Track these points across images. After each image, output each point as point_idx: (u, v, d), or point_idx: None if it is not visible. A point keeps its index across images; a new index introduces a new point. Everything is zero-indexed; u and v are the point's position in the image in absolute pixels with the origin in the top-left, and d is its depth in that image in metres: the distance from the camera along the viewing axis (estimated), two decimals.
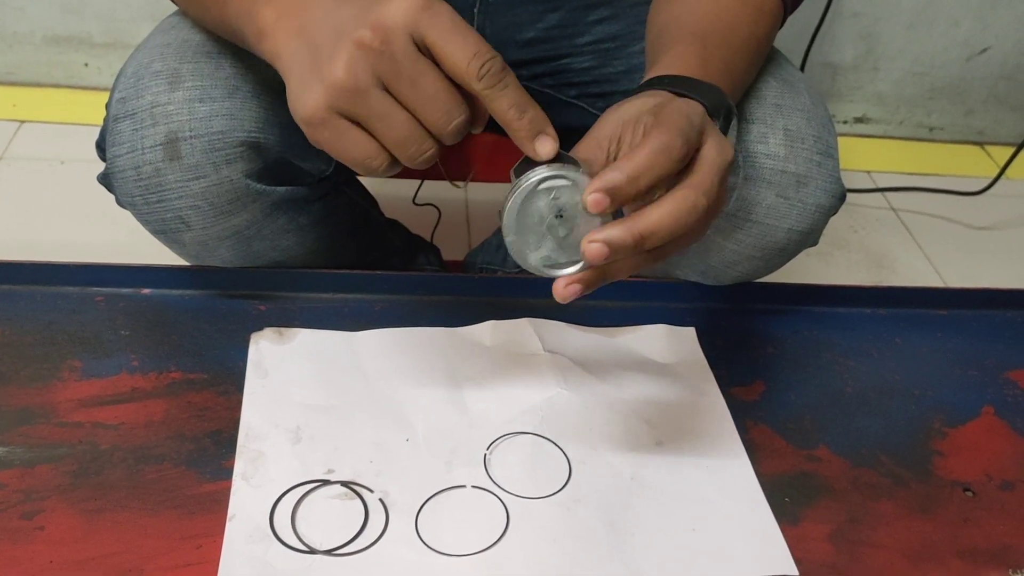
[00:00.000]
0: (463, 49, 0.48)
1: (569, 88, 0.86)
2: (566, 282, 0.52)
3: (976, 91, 1.81)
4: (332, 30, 0.50)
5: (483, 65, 0.48)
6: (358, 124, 0.51)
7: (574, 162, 0.52)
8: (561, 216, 0.52)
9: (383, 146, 0.51)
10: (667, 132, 0.50)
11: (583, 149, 0.55)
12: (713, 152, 0.52)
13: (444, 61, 0.49)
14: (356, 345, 0.74)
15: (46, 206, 1.36)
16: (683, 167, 0.51)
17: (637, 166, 0.49)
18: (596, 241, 0.49)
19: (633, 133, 0.54)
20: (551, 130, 0.51)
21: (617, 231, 0.49)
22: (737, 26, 0.68)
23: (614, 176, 0.48)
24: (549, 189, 0.51)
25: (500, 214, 0.53)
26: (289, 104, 0.52)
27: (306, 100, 0.50)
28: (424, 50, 0.49)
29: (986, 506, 0.68)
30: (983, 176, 1.67)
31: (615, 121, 0.55)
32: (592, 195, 0.48)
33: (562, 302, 0.52)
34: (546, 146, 0.51)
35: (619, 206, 0.50)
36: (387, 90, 0.50)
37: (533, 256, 0.53)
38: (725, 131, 0.60)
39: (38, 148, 1.48)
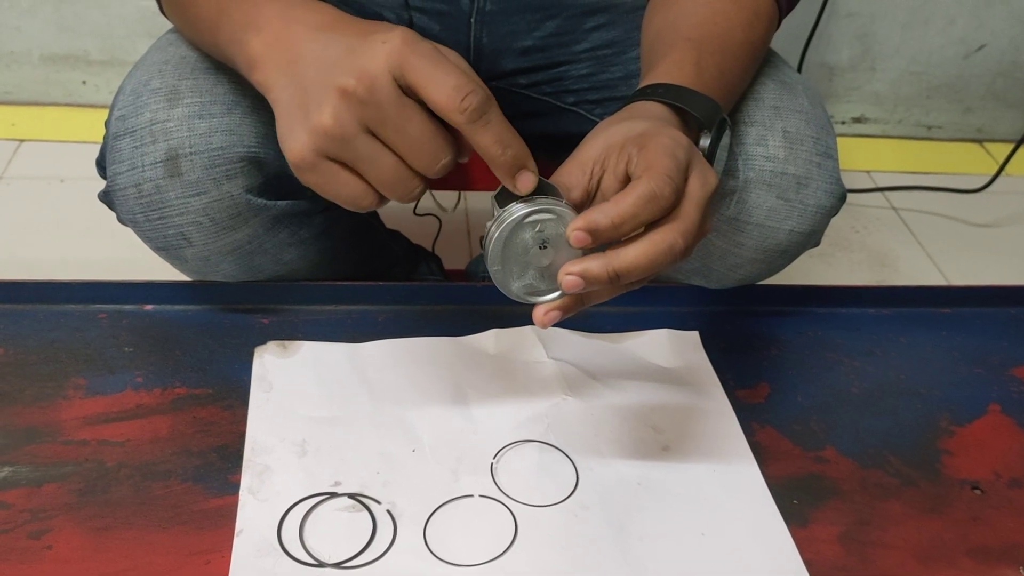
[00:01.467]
0: (443, 85, 0.49)
1: (567, 95, 0.86)
2: (545, 310, 0.53)
3: (974, 89, 1.81)
4: (320, 72, 0.51)
5: (463, 99, 0.49)
6: (346, 166, 0.51)
7: (555, 190, 0.53)
8: (544, 247, 0.53)
9: (371, 186, 0.52)
10: (655, 179, 0.50)
11: (567, 173, 0.55)
12: (696, 185, 0.53)
13: (427, 100, 0.50)
14: (360, 356, 0.74)
15: (47, 224, 1.36)
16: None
17: (622, 212, 0.50)
18: (572, 274, 0.50)
19: (617, 160, 0.54)
20: (532, 164, 0.52)
21: (594, 265, 0.50)
22: (732, 31, 0.68)
23: (599, 219, 0.49)
24: (534, 222, 0.52)
25: (483, 241, 0.54)
26: (279, 142, 0.53)
27: (292, 145, 0.51)
28: (408, 91, 0.50)
29: (995, 504, 0.68)
30: (983, 173, 1.67)
31: (600, 144, 0.55)
32: (576, 232, 0.50)
33: (542, 328, 0.53)
34: (527, 182, 0.52)
35: (600, 244, 0.51)
36: (374, 134, 0.50)
37: (515, 285, 0.54)
38: (718, 141, 0.60)
39: (38, 167, 1.49)
